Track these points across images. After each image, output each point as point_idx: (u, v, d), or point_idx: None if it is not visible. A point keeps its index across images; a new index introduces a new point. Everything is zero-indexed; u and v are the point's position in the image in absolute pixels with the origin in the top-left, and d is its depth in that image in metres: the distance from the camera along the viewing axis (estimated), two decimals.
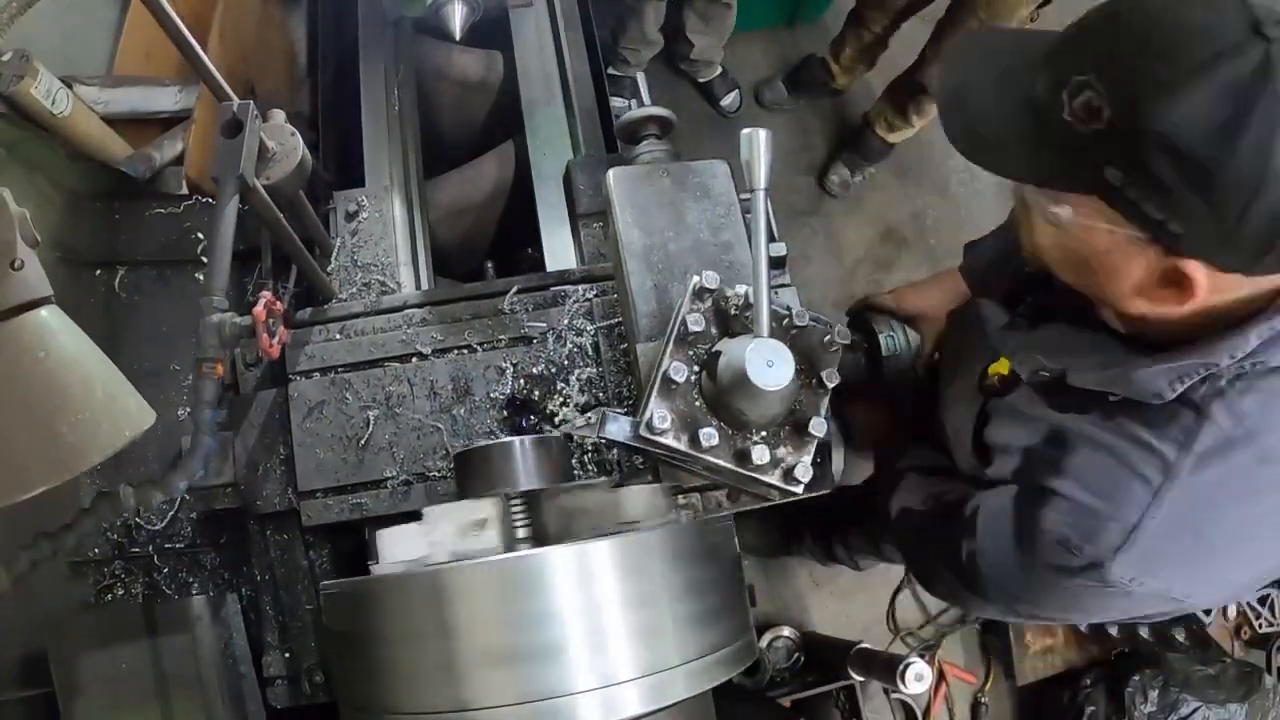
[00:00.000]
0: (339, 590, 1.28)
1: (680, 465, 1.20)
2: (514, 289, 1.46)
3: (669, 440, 1.08)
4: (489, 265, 1.75)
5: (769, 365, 1.02)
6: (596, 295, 1.48)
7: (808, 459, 1.09)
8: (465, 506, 1.41)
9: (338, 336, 1.43)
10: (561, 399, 1.38)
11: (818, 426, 1.09)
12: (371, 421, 1.37)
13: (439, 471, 1.36)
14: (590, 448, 1.39)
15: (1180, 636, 2.49)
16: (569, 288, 1.48)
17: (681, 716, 1.21)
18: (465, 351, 1.41)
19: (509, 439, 1.49)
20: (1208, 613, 2.36)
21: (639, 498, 1.24)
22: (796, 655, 2.76)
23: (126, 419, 0.97)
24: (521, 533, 1.33)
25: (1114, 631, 2.70)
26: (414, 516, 1.32)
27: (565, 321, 1.44)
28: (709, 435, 1.07)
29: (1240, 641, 2.48)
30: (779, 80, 3.53)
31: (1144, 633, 2.60)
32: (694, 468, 1.18)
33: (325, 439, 1.36)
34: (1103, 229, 0.90)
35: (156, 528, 1.54)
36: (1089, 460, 1.04)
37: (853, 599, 3.03)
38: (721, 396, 1.09)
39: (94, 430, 0.92)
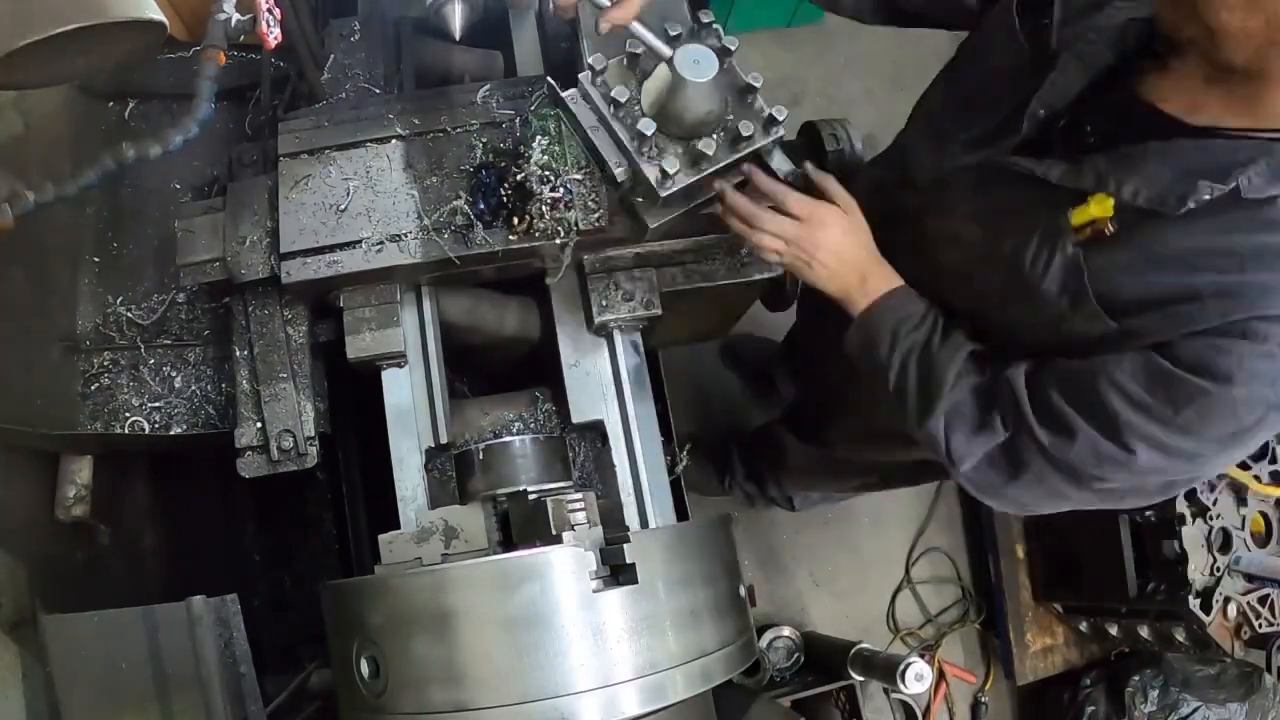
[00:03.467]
0: (341, 587, 1.28)
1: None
2: (486, 86, 1.65)
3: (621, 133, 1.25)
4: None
5: (695, 63, 1.21)
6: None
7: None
8: (458, 510, 1.42)
9: (325, 124, 1.60)
10: (524, 174, 1.50)
11: (746, 127, 1.26)
12: (351, 191, 1.52)
13: (409, 233, 1.52)
14: (548, 203, 1.47)
15: (1180, 636, 2.49)
16: (535, 85, 1.67)
17: (681, 716, 1.21)
18: (440, 135, 1.59)
19: (508, 438, 1.50)
20: (1208, 612, 2.35)
21: None
22: (796, 655, 2.76)
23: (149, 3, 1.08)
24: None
25: (1114, 631, 2.70)
26: (384, 275, 1.50)
27: (532, 108, 1.61)
28: (647, 125, 1.22)
29: (1240, 641, 2.47)
30: None
31: (1144, 633, 2.60)
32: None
33: (308, 206, 1.51)
34: None
35: (146, 323, 1.65)
36: None
37: (853, 599, 3.03)
38: (658, 105, 1.25)
39: None
